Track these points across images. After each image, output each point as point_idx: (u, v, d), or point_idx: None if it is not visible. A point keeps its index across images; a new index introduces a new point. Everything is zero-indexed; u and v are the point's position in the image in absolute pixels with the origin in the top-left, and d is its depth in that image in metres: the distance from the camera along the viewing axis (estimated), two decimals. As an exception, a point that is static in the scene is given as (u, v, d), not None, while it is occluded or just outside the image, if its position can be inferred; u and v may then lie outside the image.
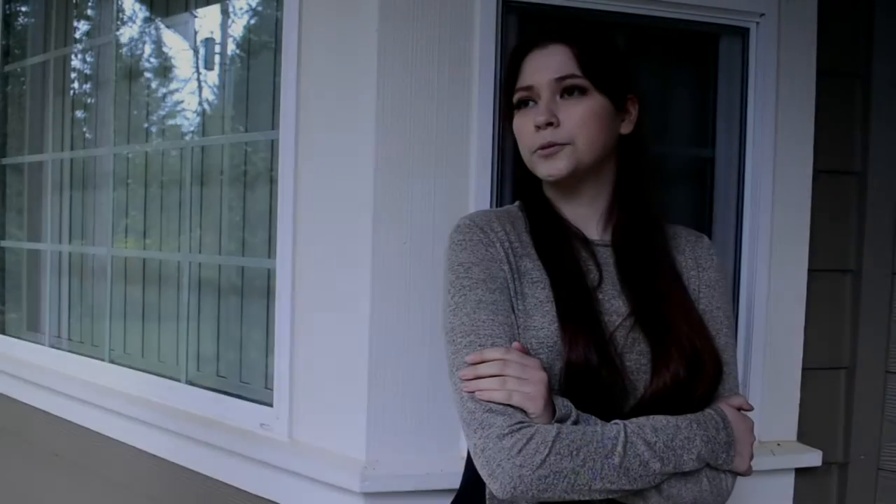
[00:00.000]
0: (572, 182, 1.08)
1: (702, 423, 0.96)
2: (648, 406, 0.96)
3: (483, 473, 0.90)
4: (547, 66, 1.05)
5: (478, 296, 0.98)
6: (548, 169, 1.05)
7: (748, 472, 1.00)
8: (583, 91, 1.04)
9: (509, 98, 1.11)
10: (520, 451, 0.87)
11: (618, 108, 1.07)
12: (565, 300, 0.99)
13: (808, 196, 1.63)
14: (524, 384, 0.91)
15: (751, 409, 1.04)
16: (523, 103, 1.08)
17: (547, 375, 0.93)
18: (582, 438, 0.89)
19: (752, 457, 1.00)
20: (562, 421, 0.91)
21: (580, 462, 0.88)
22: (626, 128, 1.10)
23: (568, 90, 1.04)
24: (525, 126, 1.07)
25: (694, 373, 0.97)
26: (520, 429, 0.88)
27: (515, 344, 0.96)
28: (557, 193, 1.11)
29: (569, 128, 1.03)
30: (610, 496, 0.91)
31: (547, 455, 0.87)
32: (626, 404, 0.98)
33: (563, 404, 0.93)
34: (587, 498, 0.89)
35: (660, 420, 0.94)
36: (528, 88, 1.07)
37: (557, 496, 0.88)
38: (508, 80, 1.12)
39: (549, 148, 1.04)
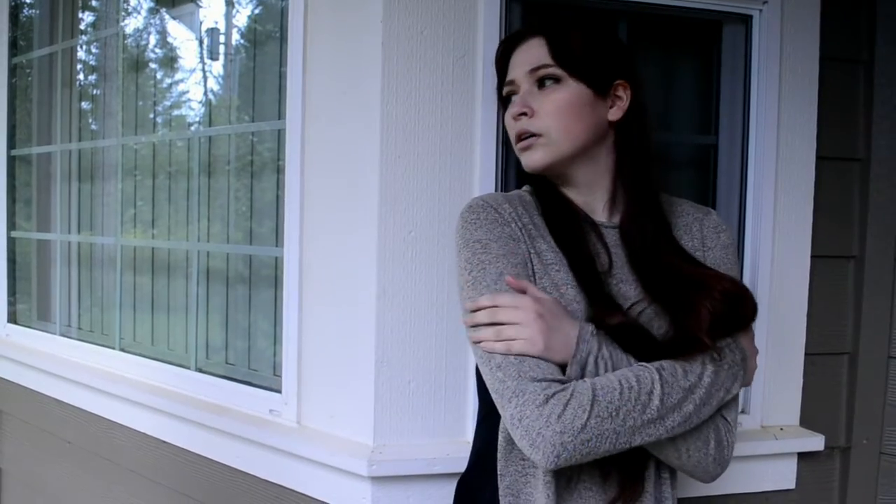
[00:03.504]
0: (562, 171, 1.09)
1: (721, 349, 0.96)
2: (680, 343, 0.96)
3: (523, 444, 0.88)
4: (525, 59, 1.08)
5: (498, 269, 0.97)
6: (526, 160, 1.08)
7: (749, 382, 1.04)
8: (557, 80, 1.06)
9: (500, 94, 1.16)
10: (559, 417, 0.85)
11: (601, 94, 1.07)
12: (585, 282, 1.00)
13: (812, 182, 1.64)
14: (520, 329, 0.91)
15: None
16: (510, 97, 1.12)
17: (539, 305, 0.92)
18: (619, 398, 0.88)
19: (755, 368, 1.05)
20: (584, 362, 0.91)
21: (620, 421, 0.87)
22: (614, 114, 1.09)
23: (542, 80, 1.06)
24: (508, 119, 1.10)
25: (733, 306, 0.97)
26: (555, 393, 0.87)
27: (507, 278, 0.95)
28: (556, 182, 1.12)
29: (542, 117, 1.05)
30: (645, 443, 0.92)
31: (587, 419, 0.86)
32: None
33: (585, 337, 0.92)
34: (625, 450, 0.90)
35: (686, 363, 0.94)
36: (511, 83, 1.11)
37: (599, 457, 0.88)
38: (499, 76, 1.16)
39: (526, 140, 1.07)
